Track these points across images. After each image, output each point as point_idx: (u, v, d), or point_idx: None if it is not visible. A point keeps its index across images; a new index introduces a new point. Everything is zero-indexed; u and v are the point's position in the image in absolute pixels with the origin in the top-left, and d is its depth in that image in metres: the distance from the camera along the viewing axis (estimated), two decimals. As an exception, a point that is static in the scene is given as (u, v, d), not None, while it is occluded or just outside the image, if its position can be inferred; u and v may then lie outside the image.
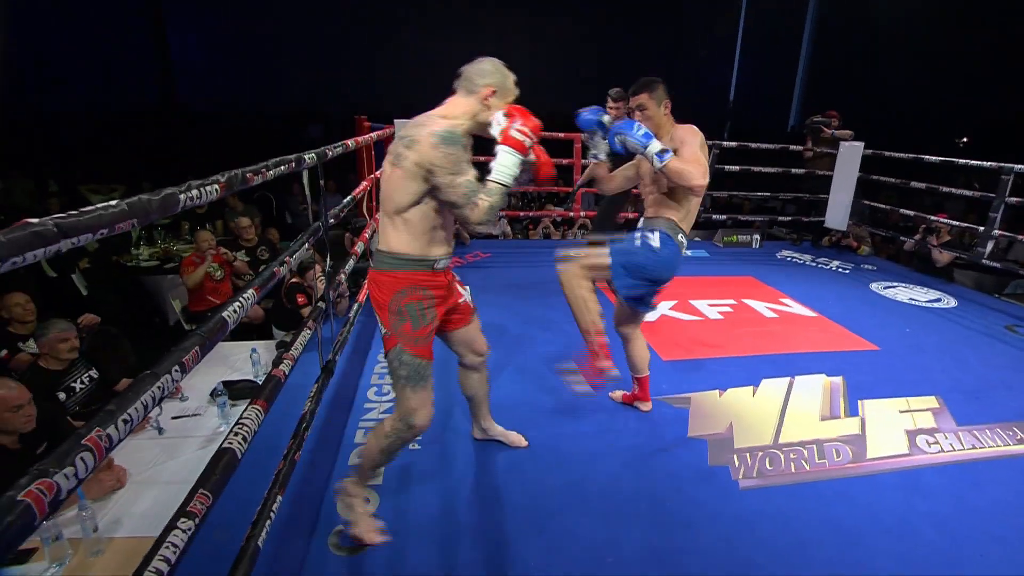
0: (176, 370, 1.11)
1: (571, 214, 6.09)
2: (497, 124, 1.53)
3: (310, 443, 2.20)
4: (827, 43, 13.10)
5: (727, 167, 5.74)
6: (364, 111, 4.96)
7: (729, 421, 2.49)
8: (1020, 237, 4.47)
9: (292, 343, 1.99)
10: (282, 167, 1.90)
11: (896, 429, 2.50)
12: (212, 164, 1.56)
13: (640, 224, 2.24)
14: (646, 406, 2.54)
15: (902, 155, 5.24)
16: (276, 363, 1.87)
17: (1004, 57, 10.12)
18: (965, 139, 11.54)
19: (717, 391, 2.75)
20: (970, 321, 3.95)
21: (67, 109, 10.96)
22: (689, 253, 5.56)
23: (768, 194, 6.42)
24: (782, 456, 2.28)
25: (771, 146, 5.80)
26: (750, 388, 2.79)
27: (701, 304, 3.97)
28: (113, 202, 0.94)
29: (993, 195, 4.39)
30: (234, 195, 5.84)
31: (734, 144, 5.71)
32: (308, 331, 2.13)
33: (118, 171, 8.08)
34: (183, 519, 1.09)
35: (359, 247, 3.11)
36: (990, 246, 4.48)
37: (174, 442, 2.30)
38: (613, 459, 2.21)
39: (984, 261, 4.54)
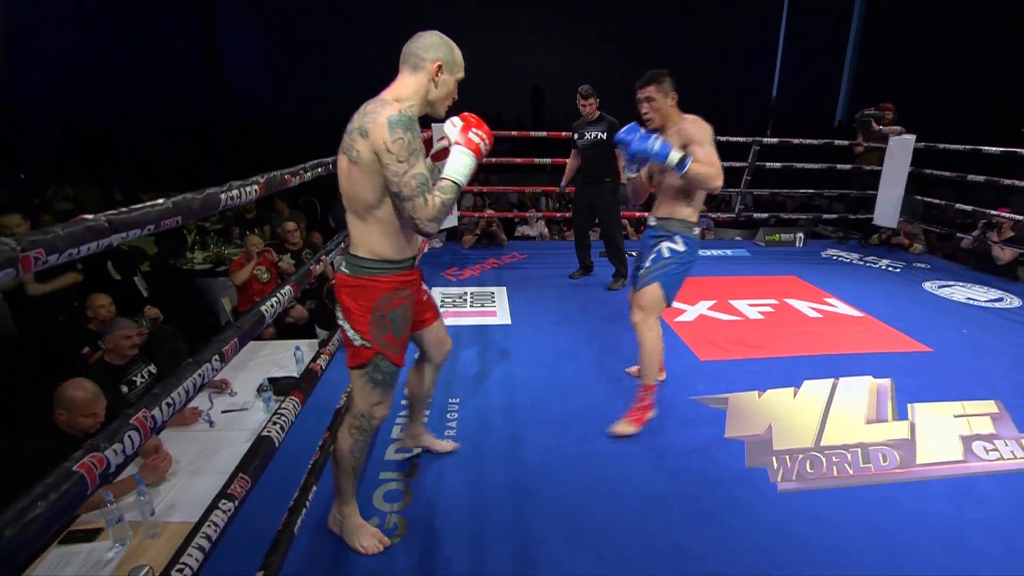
0: (216, 359, 1.18)
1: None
2: (453, 126, 1.49)
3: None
4: (877, 31, 12.54)
5: (768, 164, 5.59)
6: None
7: (768, 422, 2.43)
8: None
9: (329, 340, 2.07)
10: (319, 169, 1.99)
11: (950, 434, 2.38)
12: (264, 172, 1.65)
13: (653, 224, 2.36)
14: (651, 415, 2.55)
15: (959, 147, 4.98)
16: (314, 358, 1.95)
17: None
18: (1030, 128, 10.83)
19: (756, 392, 2.68)
20: (1035, 322, 3.71)
21: (129, 121, 11.67)
22: (729, 252, 5.44)
23: (813, 191, 6.21)
24: (824, 459, 2.20)
25: (815, 142, 5.61)
26: (791, 389, 2.71)
27: (741, 304, 3.87)
28: (159, 200, 1.01)
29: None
30: (281, 201, 6.08)
31: (775, 140, 5.55)
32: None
33: (177, 180, 8.57)
34: (224, 500, 1.16)
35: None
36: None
37: (223, 435, 2.41)
38: (645, 458, 2.19)
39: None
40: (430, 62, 1.46)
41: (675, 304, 3.76)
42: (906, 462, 2.20)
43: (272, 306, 1.54)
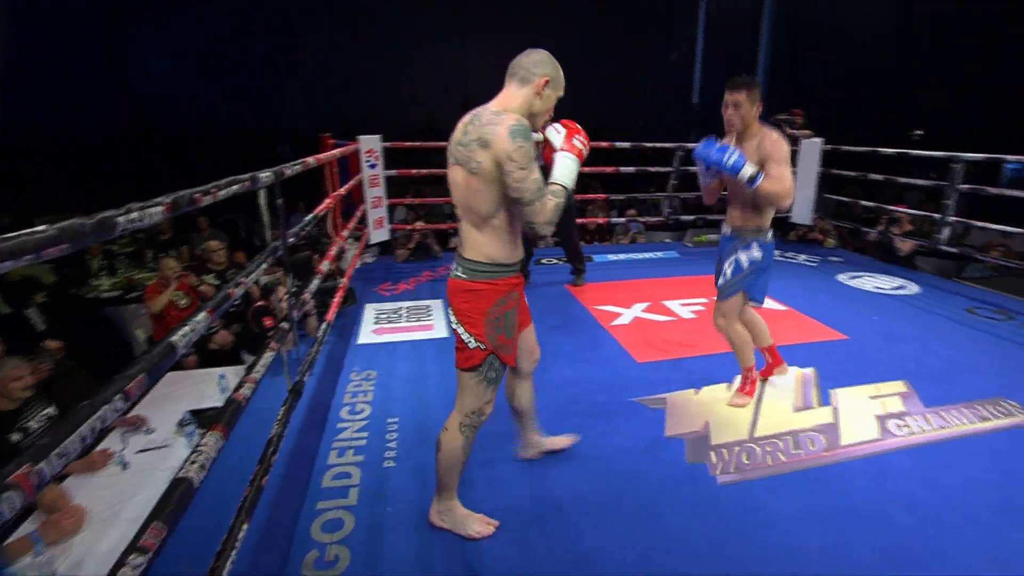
0: (119, 399, 1.07)
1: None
2: (557, 133, 1.58)
3: (280, 467, 2.14)
4: (784, 43, 13.44)
5: (693, 169, 5.82)
6: (333, 129, 4.94)
7: (705, 419, 2.50)
8: (975, 223, 4.61)
9: (254, 366, 1.94)
10: (235, 187, 1.87)
11: (867, 415, 2.54)
12: (181, 189, 1.53)
13: (728, 233, 2.49)
14: (784, 370, 2.78)
15: (860, 149, 5.39)
16: (237, 387, 1.82)
17: (950, 53, 10.52)
18: (919, 132, 11.91)
19: (692, 390, 2.76)
20: (933, 306, 4.05)
21: (19, 138, 10.67)
22: (660, 254, 5.62)
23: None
24: (759, 449, 2.29)
25: (735, 146, 5.90)
26: (724, 384, 2.81)
27: (674, 304, 3.99)
28: (41, 227, 0.90)
29: (947, 183, 4.53)
30: (203, 218, 5.74)
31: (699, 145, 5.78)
32: (271, 352, 2.08)
33: (79, 201, 7.90)
34: (134, 555, 1.04)
35: (324, 266, 3.07)
36: (947, 232, 4.61)
37: (141, 476, 2.21)
38: (592, 463, 2.20)
39: (943, 247, 4.68)
40: (538, 77, 1.54)
41: (611, 308, 3.90)
42: (832, 445, 2.32)
43: (185, 335, 1.43)
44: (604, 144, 5.51)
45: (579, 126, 1.60)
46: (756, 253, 2.37)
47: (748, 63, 13.87)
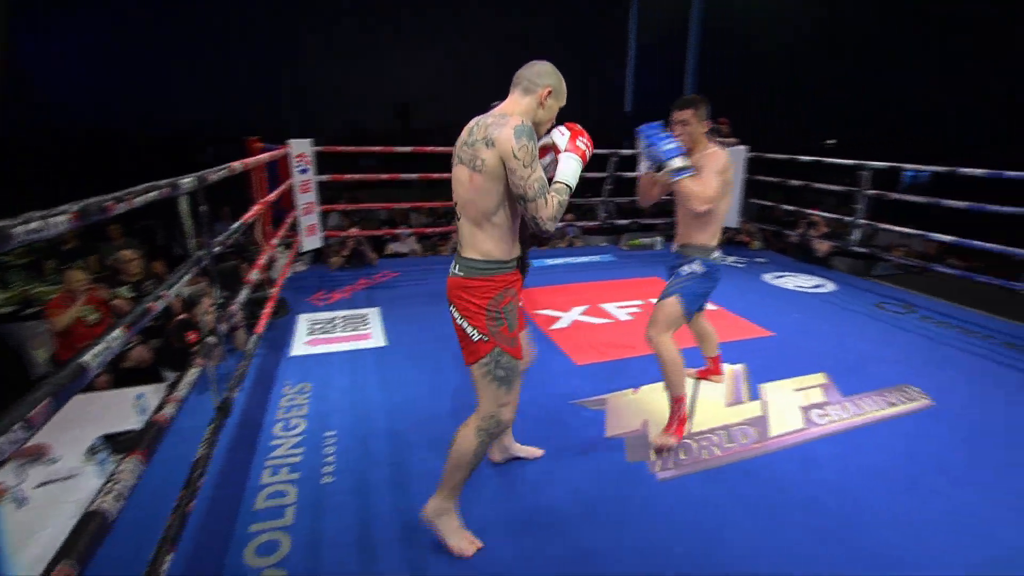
0: (19, 428, 0.96)
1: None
2: (562, 135, 1.63)
3: (208, 491, 2.01)
4: (710, 54, 14.16)
5: (627, 174, 5.99)
6: (261, 132, 4.72)
7: (644, 418, 2.56)
8: (880, 225, 5.01)
9: (177, 384, 1.81)
10: (152, 194, 1.74)
11: (792, 407, 2.68)
12: (90, 195, 1.40)
13: (675, 252, 2.49)
14: (720, 379, 2.89)
15: (781, 156, 5.73)
16: (159, 408, 1.69)
17: (862, 68, 11.46)
18: (832, 140, 12.85)
19: (631, 390, 2.82)
20: (847, 302, 4.35)
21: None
22: (597, 258, 5.73)
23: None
24: (695, 445, 2.36)
25: (665, 152, 6.13)
26: (661, 383, 2.87)
27: (611, 307, 4.08)
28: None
29: (856, 189, 4.90)
30: (114, 226, 5.34)
31: (631, 152, 5.97)
32: (197, 369, 1.95)
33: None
34: (37, 600, 0.94)
35: (254, 275, 2.92)
36: (857, 234, 4.98)
37: (42, 513, 2.01)
38: (534, 467, 2.20)
39: (854, 248, 5.06)
40: (541, 87, 1.59)
41: (549, 312, 3.93)
42: (762, 436, 2.44)
43: (98, 354, 1.30)
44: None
45: (581, 128, 1.65)
46: (699, 268, 2.33)
47: (676, 73, 14.50)
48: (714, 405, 2.69)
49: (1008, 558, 1.78)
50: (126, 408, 2.63)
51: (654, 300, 4.13)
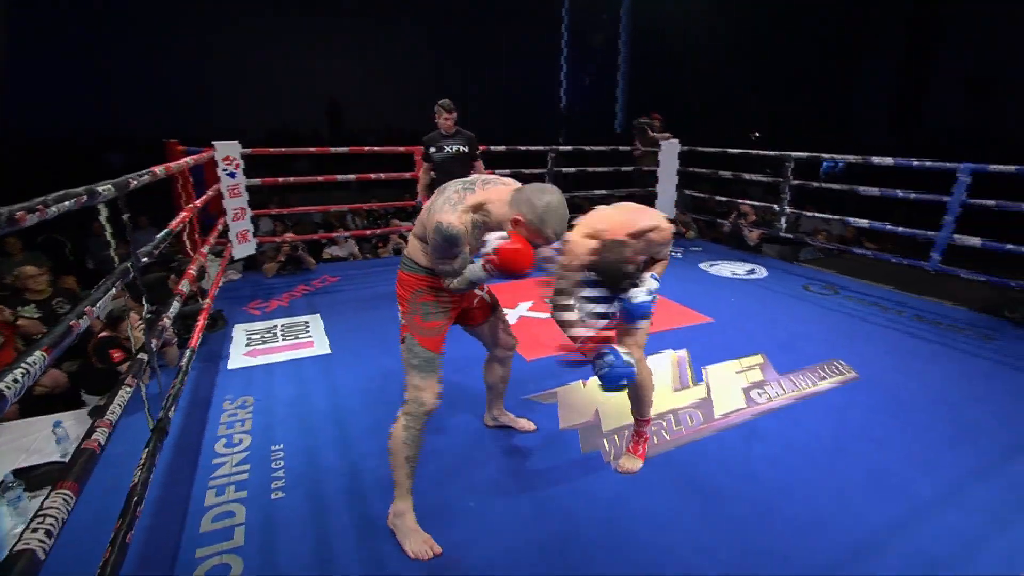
0: None
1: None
2: (491, 243, 1.57)
3: (147, 519, 1.88)
4: (640, 52, 14.58)
5: (566, 170, 6.08)
6: (178, 135, 4.46)
7: (595, 408, 2.61)
8: (804, 212, 5.33)
9: (107, 406, 1.68)
10: (68, 202, 1.60)
11: (734, 387, 2.81)
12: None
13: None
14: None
15: (711, 149, 5.97)
16: (88, 433, 1.56)
17: (784, 64, 12.12)
18: (757, 133, 13.54)
19: (581, 381, 2.87)
20: (778, 286, 4.60)
21: None
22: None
23: (605, 191, 6.92)
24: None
25: (602, 147, 6.27)
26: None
27: (558, 300, 4.13)
28: None
29: (781, 179, 5.18)
30: (13, 239, 4.90)
31: (569, 147, 6.06)
32: (128, 388, 1.81)
33: None
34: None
35: (184, 286, 2.75)
36: (784, 221, 5.28)
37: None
38: (491, 464, 2.19)
39: (782, 234, 5.36)
40: (515, 213, 1.58)
41: (499, 308, 3.93)
42: (707, 418, 2.54)
43: (16, 380, 1.19)
44: (480, 148, 5.56)
45: (520, 247, 1.54)
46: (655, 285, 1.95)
47: (609, 69, 14.86)
48: (662, 391, 2.78)
49: (920, 508, 1.94)
50: (42, 438, 2.42)
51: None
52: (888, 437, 2.38)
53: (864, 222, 4.64)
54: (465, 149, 4.03)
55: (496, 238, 1.57)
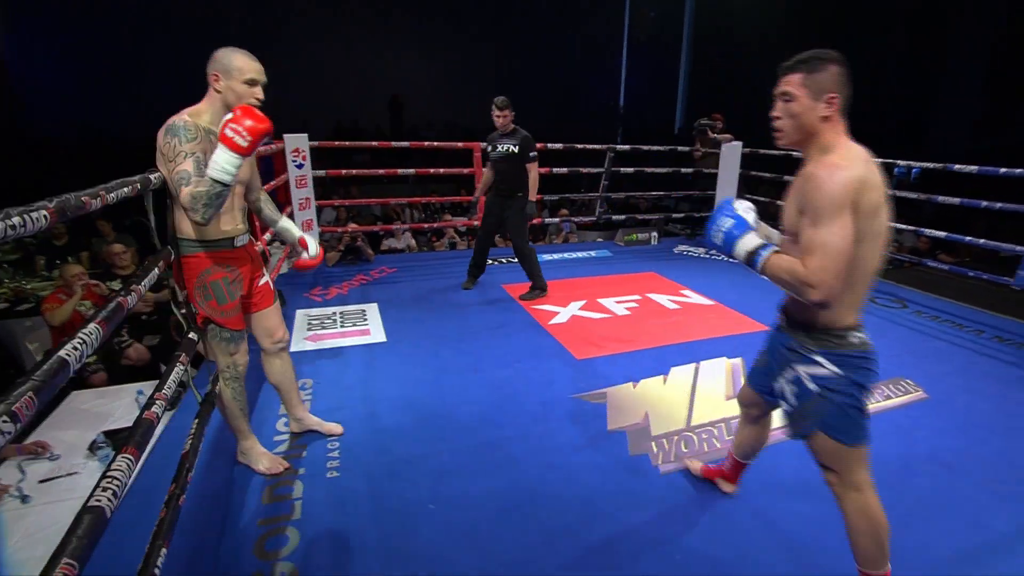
0: (4, 421, 0.95)
1: (474, 223, 6.09)
2: (223, 119, 1.57)
3: (210, 488, 2.01)
4: (703, 50, 14.20)
5: (623, 170, 6.02)
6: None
7: (645, 411, 2.58)
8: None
9: (164, 380, 1.79)
10: (125, 189, 1.72)
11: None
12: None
13: (782, 326, 1.60)
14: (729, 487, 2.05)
15: (774, 152, 5.76)
16: (147, 405, 1.68)
17: (857, 64, 11.54)
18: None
19: (631, 383, 2.84)
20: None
21: None
22: (593, 253, 5.74)
23: (662, 193, 6.81)
24: (695, 438, 2.39)
25: (661, 148, 6.16)
26: (661, 377, 2.91)
27: (608, 302, 4.10)
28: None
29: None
30: (105, 222, 5.28)
31: (627, 147, 5.99)
32: (181, 367, 1.93)
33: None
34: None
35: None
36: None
37: (46, 509, 2.00)
38: (538, 461, 2.21)
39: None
40: (210, 75, 1.70)
41: (548, 307, 3.94)
42: (761, 431, 2.46)
43: (76, 348, 1.28)
44: (538, 145, 5.58)
45: (250, 109, 1.54)
46: (823, 370, 1.39)
47: (671, 69, 14.56)
48: (714, 398, 2.72)
49: (995, 542, 1.82)
50: (128, 404, 2.62)
51: (651, 295, 4.23)
52: (959, 462, 2.24)
53: (940, 233, 4.37)
54: (516, 149, 3.92)
55: (227, 115, 1.56)
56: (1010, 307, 4.07)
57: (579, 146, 5.74)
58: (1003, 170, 3.94)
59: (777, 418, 1.77)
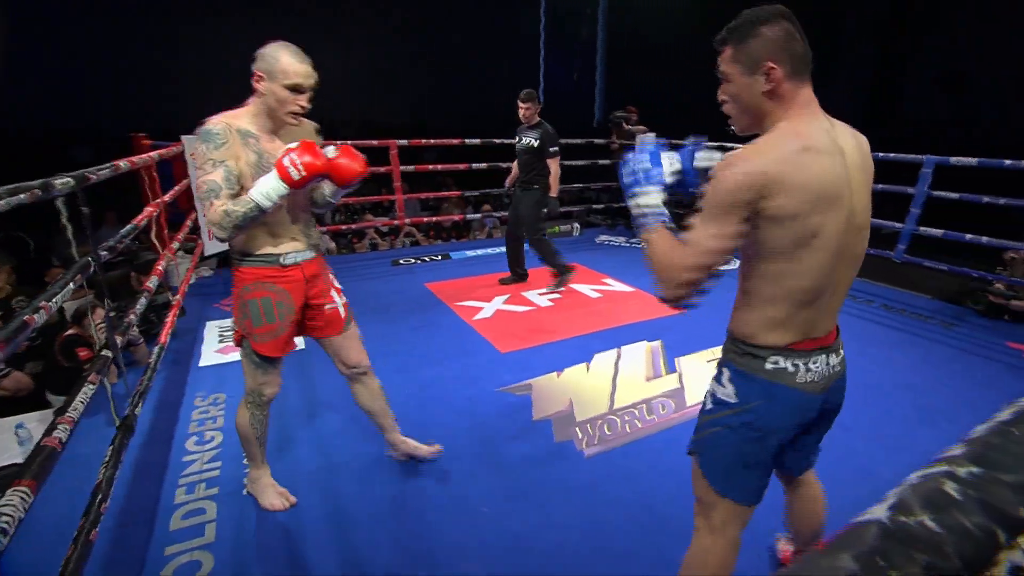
0: None
1: (395, 222, 5.98)
2: (287, 147, 1.50)
3: (114, 519, 1.86)
4: (618, 46, 14.63)
5: (542, 163, 6.09)
6: (147, 128, 4.36)
7: (569, 398, 2.64)
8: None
9: (69, 404, 1.65)
10: (21, 195, 1.56)
11: (706, 376, 2.85)
12: None
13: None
14: None
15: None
16: (49, 430, 1.53)
17: None
18: (734, 127, 13.73)
19: (555, 373, 2.89)
20: (750, 276, 4.67)
21: None
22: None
23: (583, 185, 6.96)
24: (618, 420, 2.47)
25: (580, 141, 6.29)
26: (584, 365, 2.98)
27: (532, 295, 4.15)
28: None
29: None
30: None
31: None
32: (91, 386, 1.78)
33: None
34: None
35: (152, 282, 2.70)
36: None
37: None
38: (468, 456, 2.20)
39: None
40: (254, 74, 1.54)
41: (472, 303, 3.94)
42: (680, 406, 2.58)
43: None
44: (455, 141, 5.55)
45: (312, 145, 1.49)
46: (721, 389, 1.20)
47: (587, 64, 14.89)
48: (635, 381, 2.82)
49: (881, 490, 1.99)
50: (6, 439, 2.36)
51: (574, 286, 4.31)
52: (855, 422, 2.44)
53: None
54: (536, 144, 3.98)
55: (291, 144, 1.49)
56: (892, 277, 4.49)
57: (498, 141, 5.76)
58: (881, 155, 4.32)
59: (815, 481, 1.53)
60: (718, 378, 1.22)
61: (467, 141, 5.38)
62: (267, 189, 1.47)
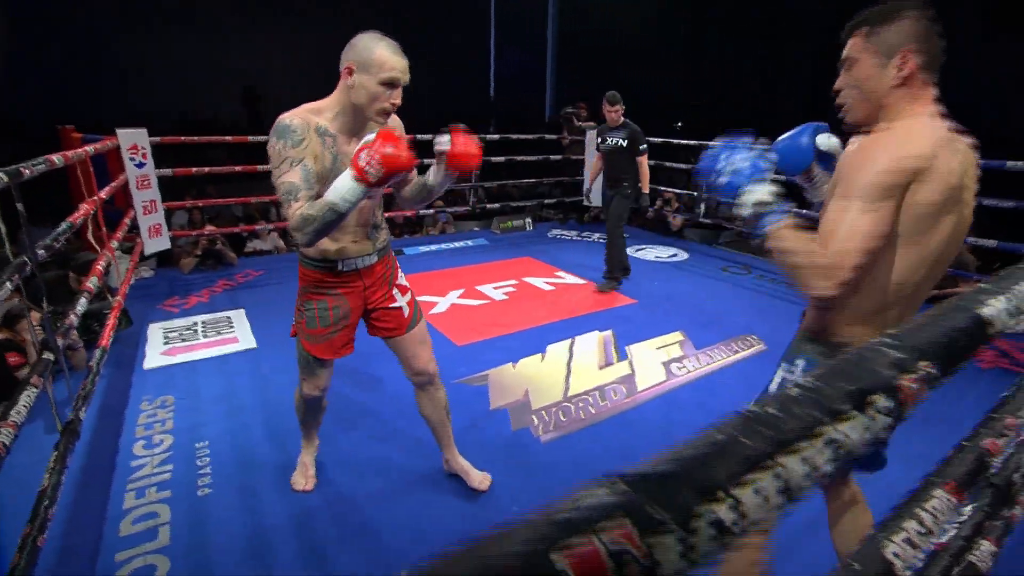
0: None
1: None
2: (363, 141, 1.33)
3: (60, 524, 1.79)
4: (568, 42, 14.82)
5: (494, 159, 6.14)
6: (75, 121, 4.14)
7: (525, 387, 2.70)
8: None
9: (12, 407, 1.58)
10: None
11: (656, 363, 2.98)
12: None
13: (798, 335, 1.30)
14: None
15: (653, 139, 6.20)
16: (-14, 438, 1.47)
17: (703, 57, 12.70)
18: (680, 123, 14.14)
19: (511, 364, 2.95)
20: (698, 268, 4.88)
21: None
22: (470, 243, 5.81)
23: (534, 180, 7.04)
24: (573, 407, 2.55)
25: (530, 136, 6.36)
26: (539, 355, 3.06)
27: (486, 288, 4.20)
28: None
29: (697, 165, 5.48)
30: None
31: (497, 136, 6.12)
32: (34, 389, 1.71)
33: None
34: None
35: (92, 283, 2.59)
36: (703, 207, 5.59)
37: None
38: (424, 449, 2.23)
39: (702, 220, 5.67)
40: (343, 67, 1.43)
41: (427, 298, 3.95)
42: (631, 392, 2.69)
43: None
44: (407, 137, 5.50)
45: (394, 136, 1.31)
46: (792, 378, 1.23)
47: (538, 60, 15.00)
48: (588, 370, 2.91)
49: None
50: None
51: (528, 279, 4.39)
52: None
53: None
54: (624, 143, 4.09)
55: (369, 135, 1.33)
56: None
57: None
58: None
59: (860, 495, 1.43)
60: (787, 368, 1.23)
61: (418, 137, 5.35)
62: (343, 190, 1.32)
